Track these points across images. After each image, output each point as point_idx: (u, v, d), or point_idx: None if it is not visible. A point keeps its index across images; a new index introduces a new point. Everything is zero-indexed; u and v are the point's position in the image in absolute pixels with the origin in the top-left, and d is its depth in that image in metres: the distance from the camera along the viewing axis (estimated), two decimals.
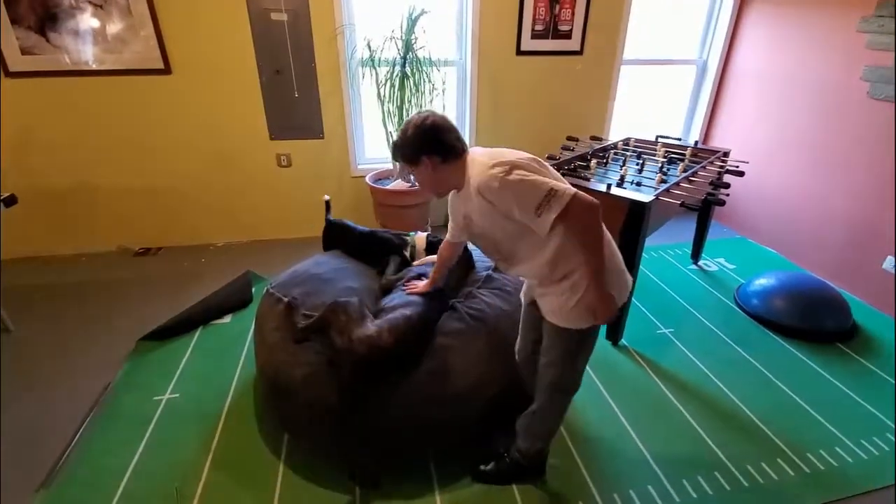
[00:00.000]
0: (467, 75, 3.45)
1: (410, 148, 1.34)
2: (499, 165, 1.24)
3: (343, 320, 1.66)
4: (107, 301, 2.80)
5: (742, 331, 2.62)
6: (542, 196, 1.20)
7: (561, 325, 1.38)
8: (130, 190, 3.27)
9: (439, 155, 1.33)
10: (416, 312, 1.76)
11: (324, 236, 2.47)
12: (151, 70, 3.00)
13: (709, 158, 2.80)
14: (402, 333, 1.66)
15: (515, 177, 1.22)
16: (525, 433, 1.67)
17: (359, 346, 1.60)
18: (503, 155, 1.29)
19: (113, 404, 2.05)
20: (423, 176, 1.39)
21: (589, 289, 1.30)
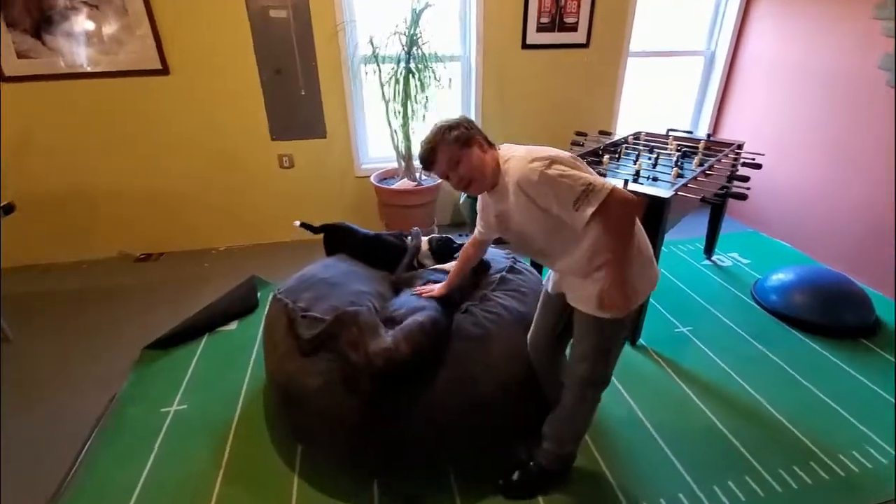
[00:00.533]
0: (472, 70, 3.37)
1: (464, 131, 1.33)
2: (538, 160, 1.24)
3: (355, 333, 1.59)
4: (109, 309, 2.73)
5: (762, 327, 2.55)
6: (580, 191, 1.19)
7: (595, 315, 1.35)
8: (130, 194, 3.19)
9: (486, 142, 1.38)
10: (429, 318, 1.69)
11: (324, 243, 2.40)
12: (149, 71, 2.92)
13: (724, 151, 2.73)
14: (417, 342, 1.59)
15: (554, 171, 1.22)
16: (554, 435, 1.62)
17: (376, 359, 1.52)
18: (542, 151, 1.29)
19: (119, 417, 1.99)
20: (472, 160, 1.34)
21: (608, 276, 1.28)
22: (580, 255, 1.32)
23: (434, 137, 1.35)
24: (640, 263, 1.35)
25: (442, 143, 1.34)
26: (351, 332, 1.59)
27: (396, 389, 1.59)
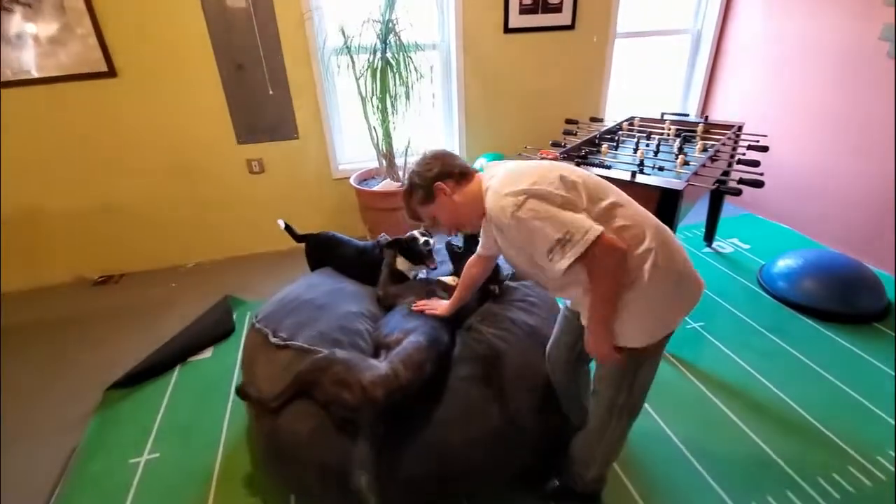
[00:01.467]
0: (452, 59, 3.15)
1: (421, 184, 1.27)
2: (511, 195, 1.07)
3: (340, 371, 1.38)
4: (65, 343, 2.44)
5: (773, 317, 2.44)
6: (554, 239, 1.03)
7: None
8: (82, 212, 2.87)
9: (452, 178, 1.26)
10: (427, 336, 1.51)
11: (307, 255, 2.17)
12: (94, 74, 2.60)
13: (726, 134, 2.59)
14: (417, 365, 1.42)
15: (527, 212, 1.05)
16: (578, 457, 1.47)
17: (375, 391, 1.33)
18: (520, 178, 1.10)
19: (81, 474, 1.73)
20: (445, 208, 1.28)
21: (590, 331, 1.17)
22: (576, 292, 1.17)
23: (405, 201, 1.34)
24: (680, 277, 1.15)
25: (414, 208, 1.33)
26: (334, 373, 1.38)
27: (401, 426, 1.39)
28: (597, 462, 1.45)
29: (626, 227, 1.10)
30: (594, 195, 1.11)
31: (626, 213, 1.11)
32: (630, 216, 1.11)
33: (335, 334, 1.65)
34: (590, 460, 1.45)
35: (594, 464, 1.46)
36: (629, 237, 1.09)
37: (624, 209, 1.12)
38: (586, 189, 1.11)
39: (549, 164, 1.17)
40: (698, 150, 2.38)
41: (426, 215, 1.33)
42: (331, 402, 1.36)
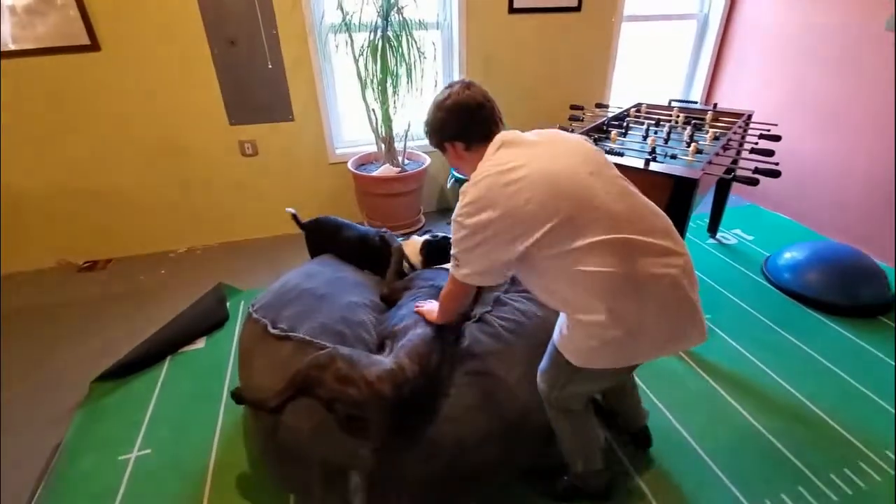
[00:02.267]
0: (454, 39, 3.02)
1: (431, 134, 1.23)
2: (466, 192, 1.09)
3: (343, 367, 1.30)
4: (48, 332, 2.32)
5: (780, 310, 2.40)
6: (454, 252, 1.15)
7: (554, 342, 1.22)
8: (65, 193, 2.73)
9: (462, 141, 1.18)
10: (433, 326, 1.47)
11: (307, 240, 2.07)
12: (75, 47, 2.45)
13: (735, 123, 2.52)
14: (423, 356, 1.36)
15: (459, 214, 1.10)
16: (564, 453, 1.44)
17: (382, 386, 1.26)
18: (484, 175, 1.07)
19: (66, 471, 1.63)
20: (452, 159, 1.26)
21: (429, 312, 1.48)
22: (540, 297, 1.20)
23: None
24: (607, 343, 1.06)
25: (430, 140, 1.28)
26: (337, 369, 1.31)
27: (410, 423, 1.33)
28: (572, 456, 1.41)
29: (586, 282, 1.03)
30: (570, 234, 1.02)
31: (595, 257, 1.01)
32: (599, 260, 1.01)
33: (338, 326, 1.57)
34: (568, 456, 1.42)
35: (573, 458, 1.42)
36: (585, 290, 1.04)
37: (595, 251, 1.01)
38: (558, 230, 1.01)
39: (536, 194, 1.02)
40: (709, 138, 2.32)
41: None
42: (335, 400, 1.29)
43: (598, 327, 1.04)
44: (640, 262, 1.02)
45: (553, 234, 1.01)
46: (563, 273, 1.04)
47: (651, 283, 1.03)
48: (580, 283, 1.03)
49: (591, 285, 1.02)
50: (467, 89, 1.17)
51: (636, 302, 1.03)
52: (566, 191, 1.02)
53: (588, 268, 1.01)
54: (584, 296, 1.04)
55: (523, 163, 1.05)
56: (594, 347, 1.08)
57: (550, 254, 1.03)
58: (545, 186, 1.02)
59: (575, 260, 1.02)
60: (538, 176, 1.03)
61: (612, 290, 1.02)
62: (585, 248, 1.01)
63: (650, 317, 1.05)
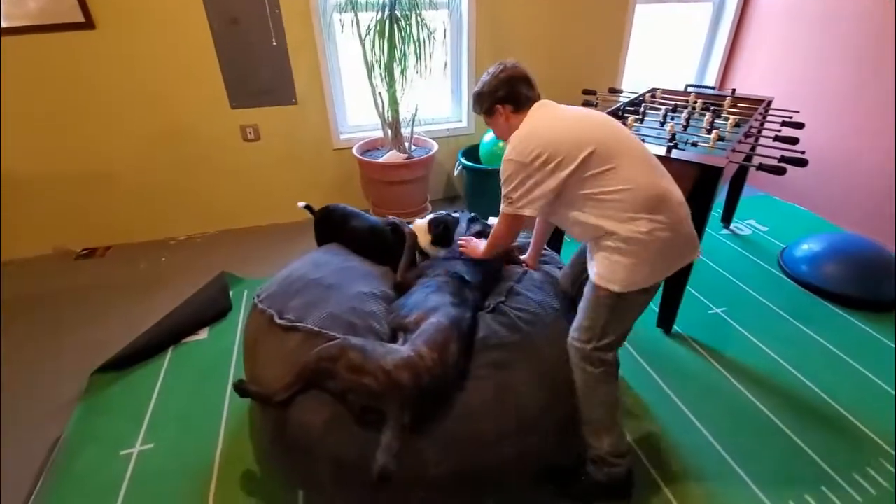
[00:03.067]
0: (463, 19, 2.91)
1: (485, 97, 1.40)
2: (521, 129, 1.32)
3: (356, 358, 1.24)
4: (45, 322, 2.26)
5: (797, 303, 2.35)
6: (503, 193, 1.35)
7: (594, 281, 1.31)
8: (62, 178, 2.64)
9: (511, 104, 1.38)
10: (447, 315, 1.39)
11: (316, 230, 2.00)
12: (68, 25, 2.34)
13: (755, 109, 2.44)
14: (441, 345, 1.29)
15: (509, 154, 1.30)
16: (587, 430, 1.42)
17: (399, 374, 1.20)
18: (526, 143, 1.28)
19: (66, 467, 1.58)
20: (498, 126, 1.44)
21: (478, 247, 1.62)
22: (569, 232, 1.39)
23: (472, 102, 1.48)
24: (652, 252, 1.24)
25: (475, 109, 1.47)
26: (349, 360, 1.24)
27: (427, 418, 1.27)
28: (598, 433, 1.38)
29: (621, 189, 1.22)
30: (592, 164, 1.22)
31: (624, 176, 1.22)
32: (629, 179, 1.22)
33: (348, 316, 1.50)
34: (593, 429, 1.39)
35: (599, 436, 1.38)
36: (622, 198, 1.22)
37: (623, 171, 1.23)
38: (584, 162, 1.22)
39: (560, 139, 1.25)
40: (731, 125, 2.23)
41: (486, 123, 1.47)
42: (350, 391, 1.23)
43: (644, 236, 1.21)
44: (661, 180, 1.27)
45: (591, 160, 1.22)
46: (604, 194, 1.22)
47: (670, 198, 1.26)
48: (621, 199, 1.21)
49: (631, 199, 1.21)
50: (517, 66, 1.40)
51: (666, 211, 1.24)
52: (598, 128, 1.27)
53: (625, 185, 1.21)
54: (627, 210, 1.21)
55: (562, 114, 1.34)
56: (638, 263, 1.23)
57: (591, 176, 1.22)
58: (581, 125, 1.28)
59: (612, 179, 1.22)
60: (574, 120, 1.30)
61: (649, 200, 1.22)
62: (621, 168, 1.22)
63: (675, 225, 1.25)
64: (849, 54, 2.81)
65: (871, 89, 2.74)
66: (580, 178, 1.23)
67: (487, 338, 1.47)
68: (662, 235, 1.22)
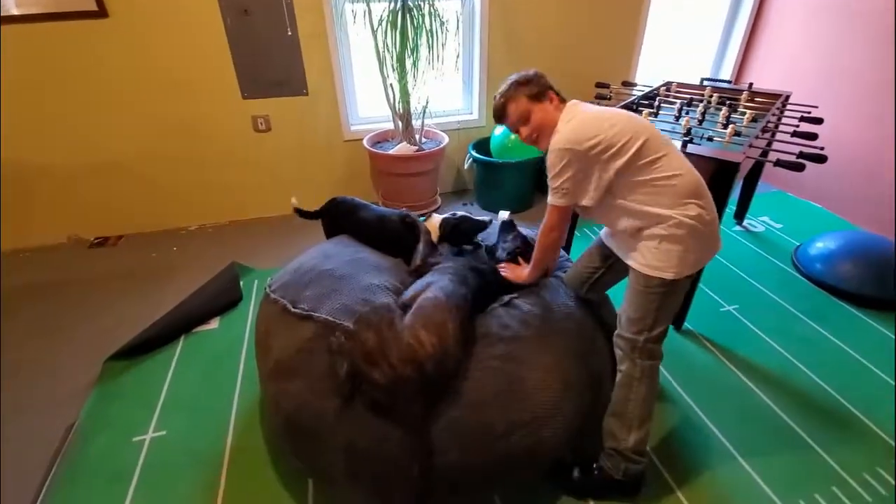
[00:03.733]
0: (476, 10, 2.88)
1: (537, 81, 1.37)
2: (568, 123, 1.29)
3: (371, 339, 1.23)
4: (59, 309, 2.29)
5: (811, 302, 2.32)
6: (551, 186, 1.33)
7: (643, 272, 1.30)
8: (74, 168, 2.66)
9: (558, 95, 1.40)
10: (443, 289, 1.36)
11: (323, 224, 1.99)
12: (81, 13, 2.35)
13: (773, 104, 2.39)
14: (439, 324, 1.26)
15: (558, 144, 1.27)
16: (614, 422, 1.40)
17: (404, 368, 1.19)
18: (581, 133, 1.25)
19: (80, 453, 1.61)
20: (540, 115, 1.36)
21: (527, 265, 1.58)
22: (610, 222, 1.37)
23: (507, 91, 1.39)
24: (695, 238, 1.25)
25: (515, 97, 1.37)
26: (364, 342, 1.23)
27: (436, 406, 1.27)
28: (634, 423, 1.37)
29: (673, 175, 1.24)
30: (646, 152, 1.23)
31: (674, 164, 1.25)
32: (678, 166, 1.26)
33: (360, 307, 1.50)
34: (624, 422, 1.38)
35: (631, 426, 1.37)
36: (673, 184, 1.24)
37: (672, 159, 1.26)
38: (639, 150, 1.22)
39: (614, 129, 1.24)
40: (747, 119, 2.20)
41: (518, 113, 1.38)
42: (362, 380, 1.22)
43: (694, 220, 1.22)
44: (695, 172, 1.28)
45: (644, 148, 1.22)
46: (658, 180, 1.23)
47: (705, 186, 1.29)
48: (675, 185, 1.23)
49: (683, 185, 1.23)
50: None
51: (706, 197, 1.27)
52: (640, 122, 1.28)
53: (677, 171, 1.23)
54: (680, 195, 1.23)
55: (600, 109, 1.33)
56: (687, 248, 1.24)
57: (646, 163, 1.23)
58: (628, 119, 1.27)
59: (665, 166, 1.23)
60: (616, 113, 1.28)
61: (695, 186, 1.25)
62: (670, 156, 1.24)
63: (712, 211, 1.28)
64: (869, 49, 2.75)
65: (892, 85, 2.68)
66: (636, 166, 1.23)
67: (500, 331, 1.46)
68: (708, 218, 1.25)
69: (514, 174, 2.96)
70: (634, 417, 1.36)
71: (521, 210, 3.10)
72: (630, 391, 1.36)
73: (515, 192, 3.05)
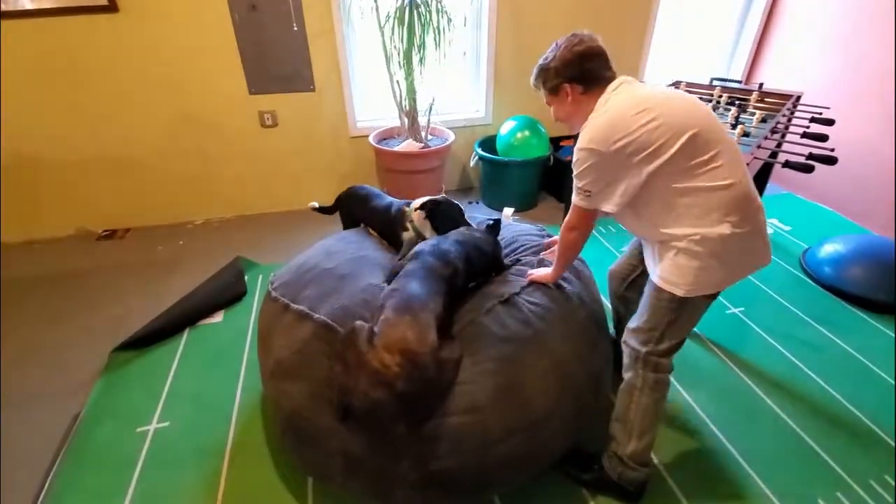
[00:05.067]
0: (483, 6, 2.87)
1: (555, 73, 1.22)
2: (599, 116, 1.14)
3: (341, 371, 1.22)
4: (67, 300, 2.31)
5: (819, 306, 2.29)
6: (575, 186, 1.21)
7: (657, 284, 1.23)
8: (83, 161, 2.69)
9: (582, 84, 1.21)
10: (393, 306, 1.26)
11: (341, 214, 2.01)
12: (92, 8, 2.37)
13: (783, 104, 2.36)
14: (401, 341, 1.17)
15: (586, 142, 1.14)
16: (616, 428, 1.39)
17: (374, 392, 1.15)
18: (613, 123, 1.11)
19: (85, 441, 1.63)
20: (561, 106, 1.27)
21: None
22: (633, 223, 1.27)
23: (533, 76, 1.29)
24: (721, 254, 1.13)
25: (537, 85, 1.29)
26: (338, 374, 1.23)
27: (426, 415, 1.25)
28: (634, 431, 1.34)
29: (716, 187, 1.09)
30: (690, 153, 1.09)
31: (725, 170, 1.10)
32: (730, 173, 1.10)
33: (359, 309, 1.50)
34: (626, 428, 1.36)
35: (631, 434, 1.35)
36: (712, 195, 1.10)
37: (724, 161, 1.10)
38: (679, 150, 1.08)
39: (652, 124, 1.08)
40: (757, 120, 2.17)
41: (544, 96, 1.30)
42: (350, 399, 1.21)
43: (725, 239, 1.10)
44: (746, 179, 1.13)
45: (690, 146, 1.07)
46: (699, 191, 1.09)
47: (755, 199, 1.15)
48: (718, 197, 1.09)
49: (727, 198, 1.09)
50: (594, 39, 1.22)
51: (752, 212, 1.13)
52: (695, 109, 1.11)
53: (725, 181, 1.08)
54: (718, 210, 1.09)
55: (649, 94, 1.13)
56: (709, 266, 1.13)
57: (691, 167, 1.09)
58: (674, 105, 1.10)
59: (713, 171, 1.08)
60: (665, 100, 1.11)
61: (742, 199, 1.10)
62: (721, 157, 1.09)
63: (758, 228, 1.16)
64: (883, 49, 2.70)
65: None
66: (675, 170, 1.09)
67: (498, 330, 1.45)
68: (743, 237, 1.11)
69: (519, 173, 2.94)
70: (635, 426, 1.34)
71: (527, 209, 3.08)
72: (631, 400, 1.33)
73: (521, 191, 3.04)
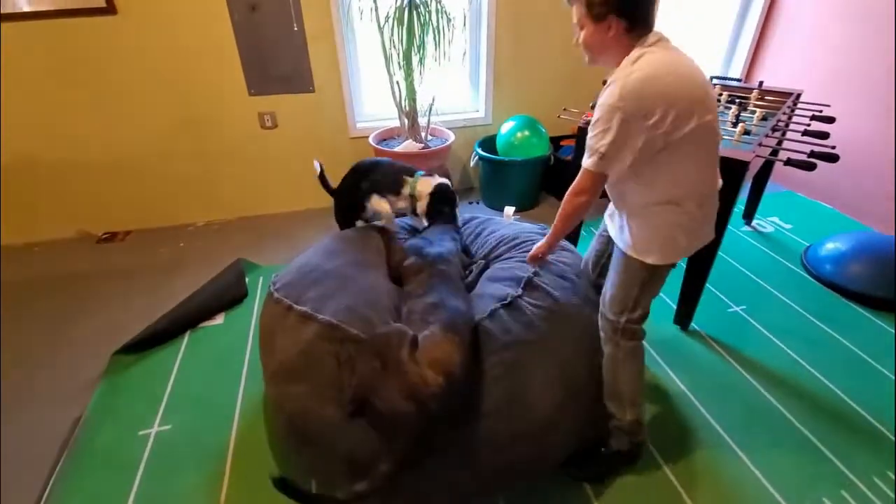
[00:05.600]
0: (483, 7, 2.87)
1: (598, 6, 1.11)
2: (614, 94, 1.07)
3: (377, 367, 1.18)
4: (67, 303, 2.31)
5: (820, 303, 2.29)
6: (589, 145, 1.16)
7: (626, 252, 1.30)
8: (83, 164, 2.69)
9: (629, 20, 1.11)
10: (441, 323, 1.27)
11: (338, 211, 1.99)
12: (90, 10, 2.36)
13: (784, 102, 2.36)
14: (447, 362, 1.18)
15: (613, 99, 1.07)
16: (611, 403, 1.46)
17: (403, 405, 1.12)
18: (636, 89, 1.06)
19: (87, 445, 1.62)
20: (593, 37, 1.16)
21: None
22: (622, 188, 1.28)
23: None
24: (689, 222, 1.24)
25: (578, 1, 1.15)
26: (372, 367, 1.19)
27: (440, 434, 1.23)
28: (626, 400, 1.42)
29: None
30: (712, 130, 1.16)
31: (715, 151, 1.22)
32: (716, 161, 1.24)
33: (363, 309, 1.49)
34: (621, 402, 1.43)
35: (625, 404, 1.42)
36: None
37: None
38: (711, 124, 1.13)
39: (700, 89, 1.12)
40: (757, 118, 2.17)
41: (578, 15, 1.17)
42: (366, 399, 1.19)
43: (687, 217, 1.22)
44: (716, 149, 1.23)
45: (707, 125, 1.12)
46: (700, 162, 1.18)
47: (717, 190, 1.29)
48: (705, 173, 1.21)
49: (708, 178, 1.23)
50: None
51: (713, 197, 1.28)
52: (710, 96, 1.14)
53: (710, 156, 1.20)
54: (702, 185, 1.22)
55: (686, 62, 1.14)
56: (675, 237, 1.24)
57: (701, 141, 1.14)
58: (705, 84, 1.14)
59: (713, 151, 1.20)
60: (699, 75, 1.14)
61: (712, 183, 1.26)
62: (714, 143, 1.19)
63: (715, 202, 1.30)
64: (883, 47, 2.70)
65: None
66: (692, 137, 1.10)
67: (502, 335, 1.44)
68: (700, 214, 1.24)
69: (520, 172, 2.94)
70: (626, 396, 1.41)
71: (527, 208, 3.08)
72: (617, 372, 1.40)
73: (521, 191, 3.03)
